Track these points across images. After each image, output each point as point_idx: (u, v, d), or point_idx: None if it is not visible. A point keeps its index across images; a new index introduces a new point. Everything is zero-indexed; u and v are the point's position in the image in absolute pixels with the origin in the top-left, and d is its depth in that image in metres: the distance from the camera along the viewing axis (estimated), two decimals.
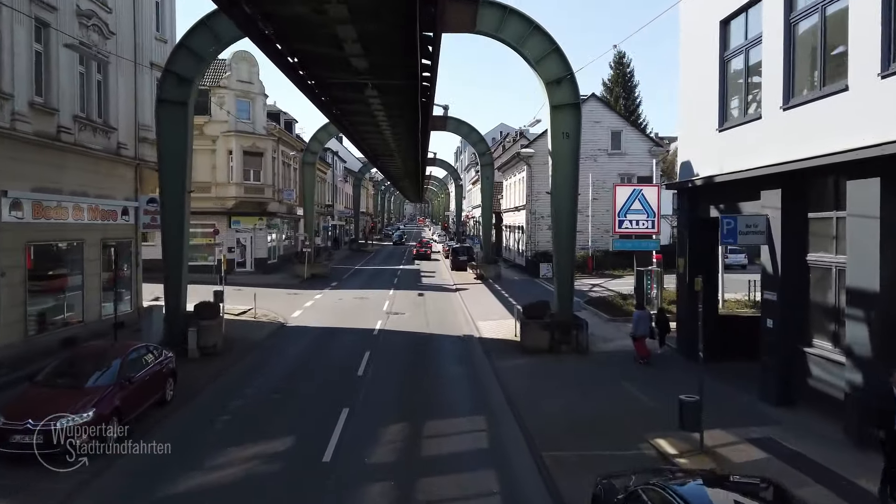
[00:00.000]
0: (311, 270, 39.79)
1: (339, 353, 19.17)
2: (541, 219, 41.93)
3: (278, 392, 14.86)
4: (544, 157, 43.68)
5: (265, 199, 40.20)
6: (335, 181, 74.36)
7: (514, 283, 37.37)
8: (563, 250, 19.32)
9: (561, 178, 19.03)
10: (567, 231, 19.25)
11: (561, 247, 19.36)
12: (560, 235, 19.33)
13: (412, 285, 37.71)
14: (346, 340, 21.07)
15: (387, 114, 28.18)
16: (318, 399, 14.31)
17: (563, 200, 19.10)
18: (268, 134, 40.77)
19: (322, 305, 28.88)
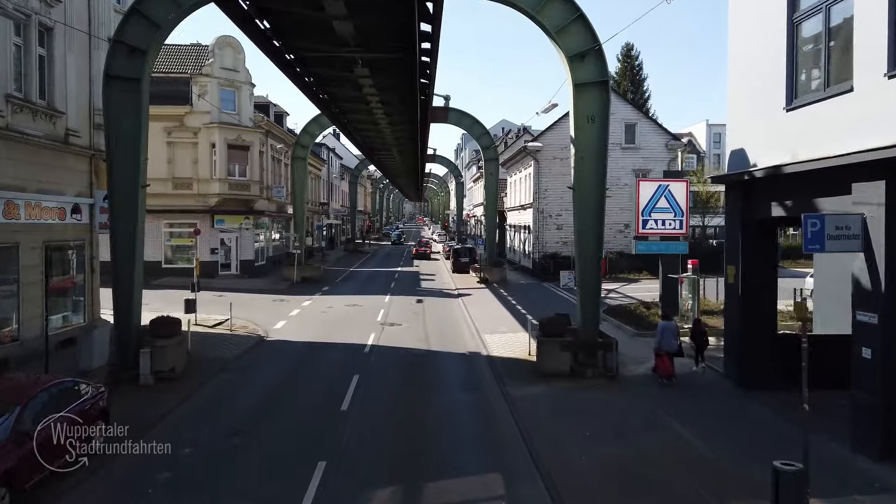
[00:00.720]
0: (300, 273, 36.80)
1: (322, 377, 16.17)
2: (549, 218, 38.97)
3: (240, 434, 11.86)
4: (553, 151, 40.86)
5: (252, 196, 37.20)
6: (330, 178, 71.39)
7: (521, 289, 34.38)
8: (588, 257, 16.29)
9: (586, 172, 16.00)
10: (593, 234, 16.24)
11: (585, 253, 16.33)
12: (584, 239, 16.31)
13: (410, 290, 34.73)
14: (332, 360, 18.08)
15: (381, 100, 25.24)
16: (288, 447, 11.30)
17: (588, 198, 16.08)
18: (255, 126, 37.76)
19: (309, 314, 25.88)
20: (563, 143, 38.92)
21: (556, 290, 33.01)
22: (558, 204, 38.97)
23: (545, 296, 31.40)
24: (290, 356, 18.58)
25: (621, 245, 38.64)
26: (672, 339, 16.16)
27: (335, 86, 23.04)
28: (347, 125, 32.38)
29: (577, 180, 16.22)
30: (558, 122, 39.20)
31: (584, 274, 16.27)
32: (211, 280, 34.76)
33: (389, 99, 24.84)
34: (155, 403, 13.57)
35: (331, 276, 40.63)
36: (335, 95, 24.79)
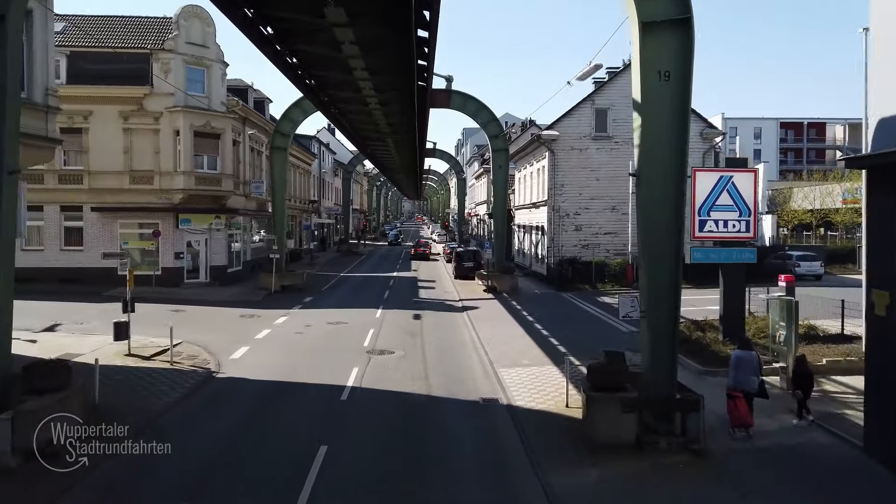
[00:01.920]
0: (280, 281, 31.80)
1: (274, 451, 11.14)
2: (565, 217, 34.01)
3: None
4: (571, 140, 35.35)
5: (223, 192, 32.18)
6: (322, 174, 66.36)
7: (537, 300, 29.37)
8: (662, 271, 11.19)
9: (658, 151, 10.95)
10: (668, 239, 11.12)
11: (657, 265, 11.26)
12: (655, 246, 11.24)
13: (407, 301, 29.74)
14: (295, 414, 13.10)
15: (374, 84, 20.46)
16: None
17: (660, 188, 11.01)
18: (228, 111, 32.75)
19: (280, 337, 20.87)
20: (581, 132, 33.94)
21: (579, 302, 28.03)
22: (576, 201, 33.99)
23: (568, 310, 26.40)
24: (238, 408, 13.57)
25: None
26: (751, 374, 11.79)
27: (320, 67, 18.19)
28: (334, 110, 27.41)
29: (642, 164, 11.21)
30: (577, 106, 34.22)
31: (655, 296, 11.22)
32: (174, 290, 29.82)
33: (382, 80, 19.99)
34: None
35: (317, 284, 35.63)
36: (324, 80, 19.95)
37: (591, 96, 34.17)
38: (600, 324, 23.16)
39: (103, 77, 30.13)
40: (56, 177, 30.46)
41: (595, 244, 33.44)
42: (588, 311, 25.86)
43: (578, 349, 18.57)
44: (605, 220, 33.99)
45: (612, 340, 20.03)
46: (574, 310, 26.52)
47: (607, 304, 27.51)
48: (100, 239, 30.32)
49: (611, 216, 33.96)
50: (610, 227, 33.97)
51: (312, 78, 20.39)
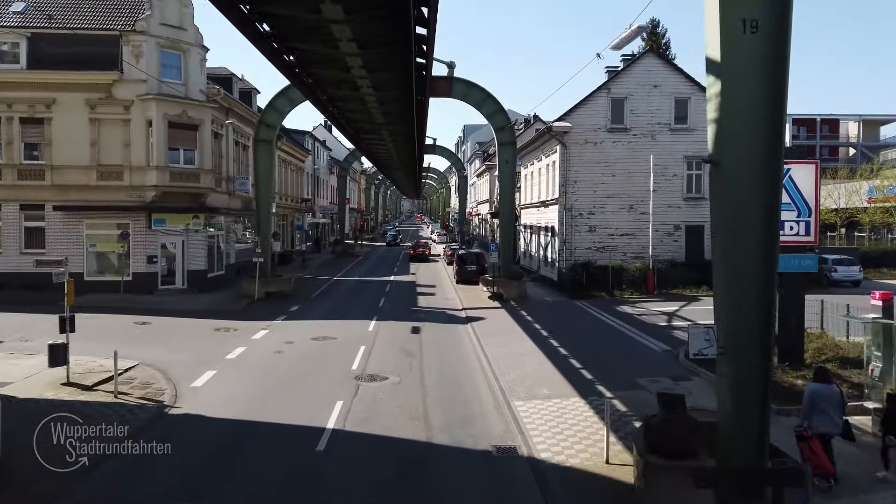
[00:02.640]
0: (265, 288, 28.80)
1: None
2: (578, 217, 31.02)
3: None
4: (585, 132, 31.34)
5: (202, 188, 29.17)
6: (317, 172, 63.39)
7: (549, 310, 26.36)
8: (749, 284, 8.07)
9: (747, 129, 7.90)
10: (757, 243, 8.05)
11: (741, 287, 8.16)
12: (739, 252, 8.13)
13: (404, 310, 26.77)
14: (252, 479, 10.09)
15: (365, 62, 17.57)
16: None
17: (748, 176, 7.94)
18: (208, 100, 29.74)
19: (255, 358, 17.87)
20: (596, 123, 30.97)
21: (596, 312, 25.05)
22: (590, 199, 30.99)
23: (585, 323, 23.41)
24: (188, 462, 10.55)
25: (671, 251, 30.69)
26: (833, 413, 9.29)
27: (300, 40, 15.12)
28: (322, 98, 24.46)
29: (720, 145, 8.19)
30: (592, 96, 31.22)
31: (741, 329, 8.17)
32: (146, 298, 26.87)
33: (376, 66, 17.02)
34: None
35: (306, 289, 32.65)
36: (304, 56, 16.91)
37: (606, 84, 31.17)
38: (624, 340, 20.18)
39: (68, 62, 27.12)
40: (15, 172, 27.48)
41: (610, 246, 30.46)
42: (608, 324, 22.87)
43: (606, 374, 15.64)
44: (621, 221, 31.00)
45: (644, 361, 17.11)
46: (592, 322, 23.53)
47: (628, 314, 24.53)
48: (64, 241, 27.30)
49: (628, 216, 30.97)
50: (627, 227, 30.98)
51: (292, 53, 17.37)
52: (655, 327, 21.87)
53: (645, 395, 13.83)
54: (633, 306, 26.37)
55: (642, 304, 26.67)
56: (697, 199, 31.21)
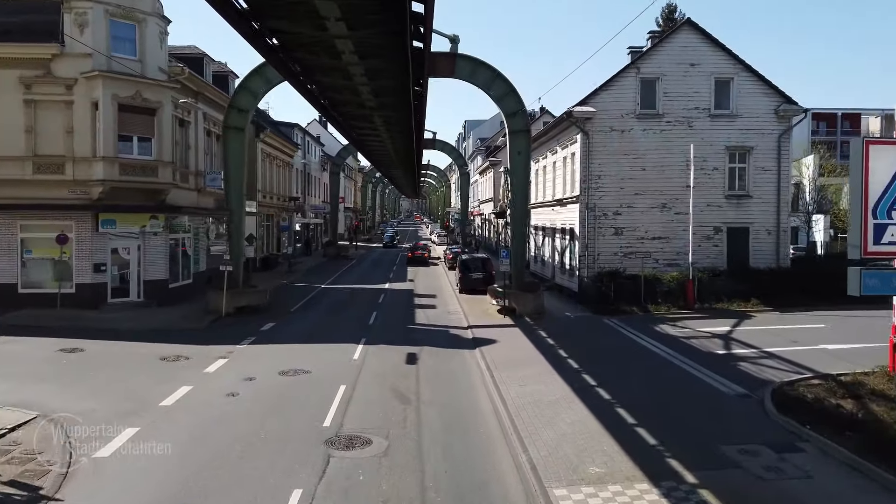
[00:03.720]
0: (235, 301, 24.41)
1: None
2: (603, 218, 26.63)
3: None
4: (611, 119, 26.51)
5: (160, 184, 24.76)
6: (308, 168, 59.02)
7: (573, 330, 21.95)
8: None
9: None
10: None
11: None
12: None
13: (398, 328, 22.42)
14: None
15: (358, 53, 13.16)
16: None
17: None
18: (169, 80, 25.34)
19: (197, 407, 13.42)
20: (623, 108, 26.65)
21: (631, 333, 20.68)
22: (616, 197, 26.61)
23: (625, 350, 18.95)
24: None
25: (710, 258, 26.32)
26: None
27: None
28: (303, 78, 20.16)
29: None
30: (618, 76, 26.85)
31: None
32: (90, 315, 22.53)
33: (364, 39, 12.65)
34: None
35: (287, 301, 28.27)
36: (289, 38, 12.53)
37: (635, 63, 26.77)
38: (679, 375, 15.79)
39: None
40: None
41: (640, 252, 26.09)
42: (650, 350, 18.49)
43: (674, 435, 11.34)
44: (652, 222, 26.63)
45: (718, 412, 12.76)
46: (629, 347, 19.13)
47: (672, 336, 20.16)
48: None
49: (660, 216, 26.60)
50: (659, 230, 26.61)
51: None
52: (712, 357, 17.46)
53: (744, 478, 9.50)
54: (674, 325, 21.99)
55: (684, 323, 22.27)
56: (741, 197, 26.87)
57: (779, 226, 26.73)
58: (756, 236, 26.70)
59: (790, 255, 27.54)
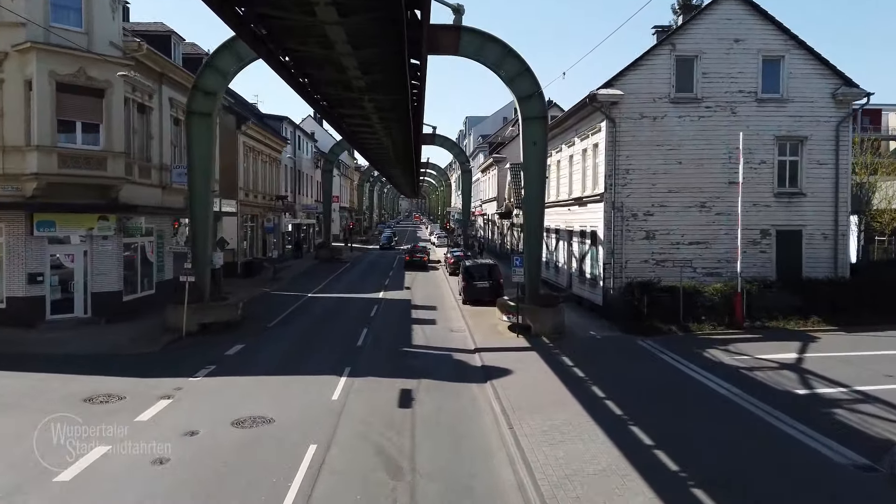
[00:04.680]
0: (199, 317, 20.64)
1: None
2: (631, 219, 22.85)
3: None
4: (641, 104, 22.14)
5: (109, 178, 20.95)
6: (299, 165, 55.26)
7: (603, 355, 18.10)
8: None
9: None
10: None
11: None
12: None
13: (392, 353, 18.62)
14: None
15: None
16: None
17: None
18: (124, 56, 21.54)
19: (98, 490, 9.54)
20: (655, 91, 22.91)
21: (675, 361, 16.89)
22: (647, 195, 22.82)
23: (675, 387, 15.07)
24: None
25: (756, 266, 22.54)
26: None
27: None
28: (270, 44, 16.44)
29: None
30: (649, 54, 23.04)
31: None
32: (23, 335, 18.73)
33: None
34: None
35: (264, 313, 24.51)
36: None
37: (669, 39, 22.97)
38: (758, 426, 11.98)
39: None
40: None
41: (675, 258, 22.31)
42: (707, 387, 14.69)
43: None
44: (689, 224, 22.85)
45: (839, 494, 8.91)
46: (679, 381, 15.31)
47: (729, 366, 16.37)
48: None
49: (699, 217, 22.82)
50: (697, 233, 22.83)
51: None
52: (793, 399, 13.64)
53: None
54: (725, 350, 18.19)
55: (736, 347, 18.46)
56: (793, 195, 23.08)
57: (836, 228, 22.94)
58: (810, 241, 22.92)
59: (850, 262, 23.71)
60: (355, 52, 16.44)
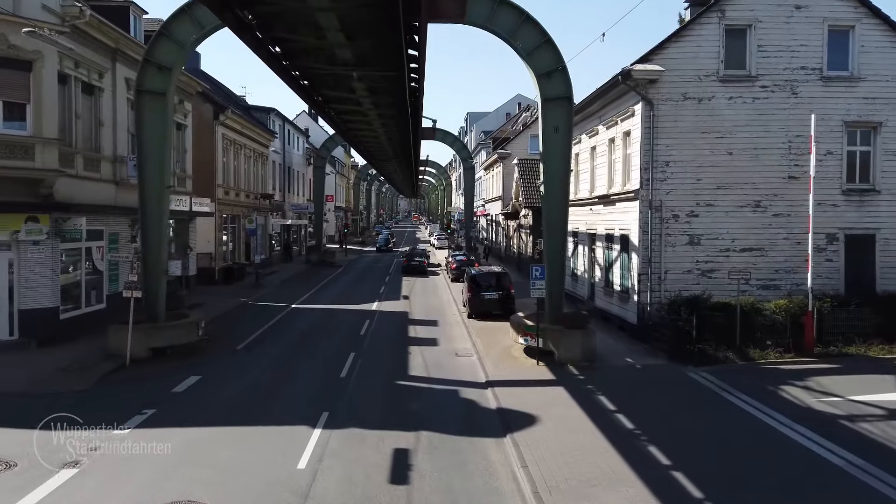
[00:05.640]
0: (149, 341, 16.93)
1: None
2: (671, 221, 19.11)
3: None
4: (685, 83, 17.95)
5: (41, 171, 17.13)
6: (290, 162, 51.54)
7: (651, 396, 14.26)
8: None
9: None
10: None
11: None
12: None
13: (383, 390, 14.89)
14: None
15: None
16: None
17: None
18: (64, 23, 17.74)
19: None
20: (702, 67, 19.18)
21: (745, 402, 13.08)
22: (691, 192, 19.08)
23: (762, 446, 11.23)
24: None
25: (821, 277, 18.75)
26: None
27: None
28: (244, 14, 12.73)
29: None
30: (692, 24, 19.29)
31: None
32: None
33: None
34: None
35: (237, 330, 20.82)
36: None
37: (717, 5, 19.17)
38: None
39: None
40: None
41: (726, 268, 18.52)
42: (800, 444, 10.94)
43: None
44: (741, 226, 19.11)
45: None
46: (761, 437, 11.53)
47: (822, 414, 12.62)
48: None
49: (752, 219, 19.08)
50: (752, 238, 19.09)
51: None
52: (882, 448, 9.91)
53: None
54: (803, 386, 14.40)
55: (815, 381, 14.66)
56: (864, 192, 19.36)
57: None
58: (885, 247, 19.19)
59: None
60: (335, 2, 12.67)
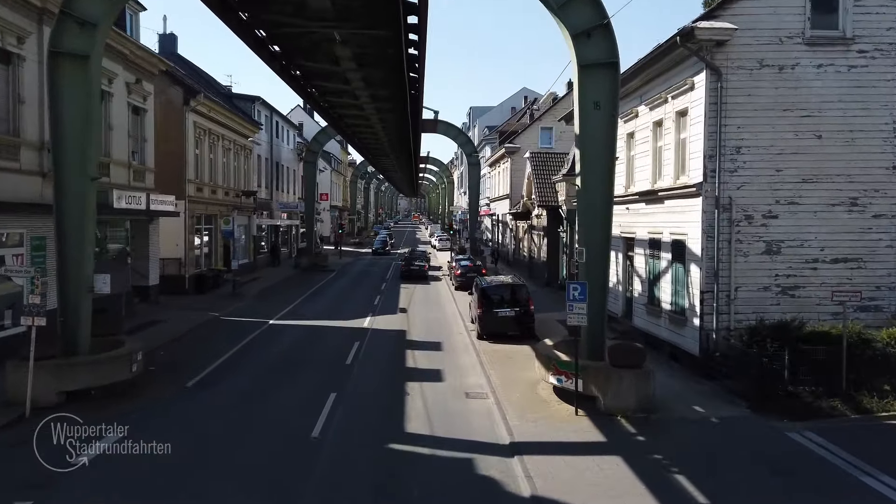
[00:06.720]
0: (61, 383, 12.81)
1: None
2: (744, 223, 14.87)
3: None
4: (756, 47, 13.11)
5: None
6: (279, 157, 47.38)
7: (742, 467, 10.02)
8: None
9: None
10: None
11: None
12: None
13: (370, 453, 10.69)
14: None
15: None
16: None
17: None
18: None
19: None
20: (782, 27, 14.97)
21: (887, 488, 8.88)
22: (768, 186, 14.92)
23: None
24: None
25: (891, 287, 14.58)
26: None
27: None
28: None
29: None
30: None
31: None
32: None
33: None
34: None
35: (191, 360, 16.69)
36: None
37: None
38: None
39: None
40: None
41: (813, 283, 14.35)
42: None
43: None
44: (832, 230, 14.95)
45: None
46: None
47: None
48: None
49: (847, 221, 14.93)
50: (846, 245, 14.93)
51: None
52: None
53: None
54: None
55: None
56: None
57: None
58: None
59: None
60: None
